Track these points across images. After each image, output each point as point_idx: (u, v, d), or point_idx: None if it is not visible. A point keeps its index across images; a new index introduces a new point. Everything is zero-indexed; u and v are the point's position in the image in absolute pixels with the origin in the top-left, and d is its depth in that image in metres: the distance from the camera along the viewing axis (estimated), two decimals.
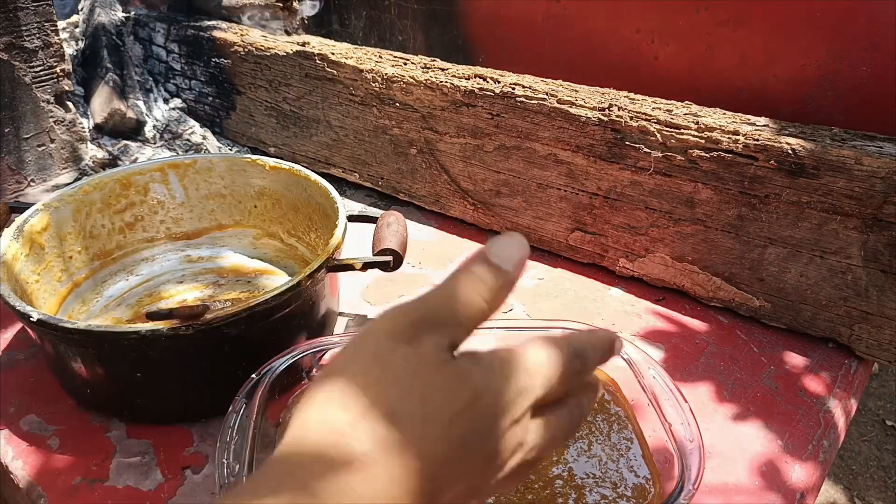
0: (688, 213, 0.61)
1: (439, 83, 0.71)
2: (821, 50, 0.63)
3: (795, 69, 0.65)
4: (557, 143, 0.66)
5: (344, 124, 0.82)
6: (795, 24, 0.64)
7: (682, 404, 0.44)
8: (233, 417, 0.43)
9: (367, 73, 0.76)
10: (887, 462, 1.36)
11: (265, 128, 0.91)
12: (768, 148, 0.55)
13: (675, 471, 0.41)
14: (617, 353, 0.31)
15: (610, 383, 0.50)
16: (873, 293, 0.55)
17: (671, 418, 0.44)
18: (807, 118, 0.60)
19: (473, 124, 0.71)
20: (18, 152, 0.83)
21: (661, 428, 0.44)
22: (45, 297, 0.58)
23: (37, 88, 0.82)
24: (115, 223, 0.66)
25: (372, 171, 0.82)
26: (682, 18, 0.70)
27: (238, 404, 0.44)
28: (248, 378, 0.46)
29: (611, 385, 0.50)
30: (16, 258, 0.55)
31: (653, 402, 0.45)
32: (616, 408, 0.49)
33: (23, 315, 0.48)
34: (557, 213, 0.69)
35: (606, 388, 0.50)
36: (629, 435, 0.47)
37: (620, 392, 0.49)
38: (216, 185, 0.69)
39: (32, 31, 0.80)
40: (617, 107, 0.62)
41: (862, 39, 0.61)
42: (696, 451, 0.41)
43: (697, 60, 0.70)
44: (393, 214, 0.60)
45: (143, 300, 0.64)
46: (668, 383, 0.46)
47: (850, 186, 0.53)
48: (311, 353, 0.50)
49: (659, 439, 0.44)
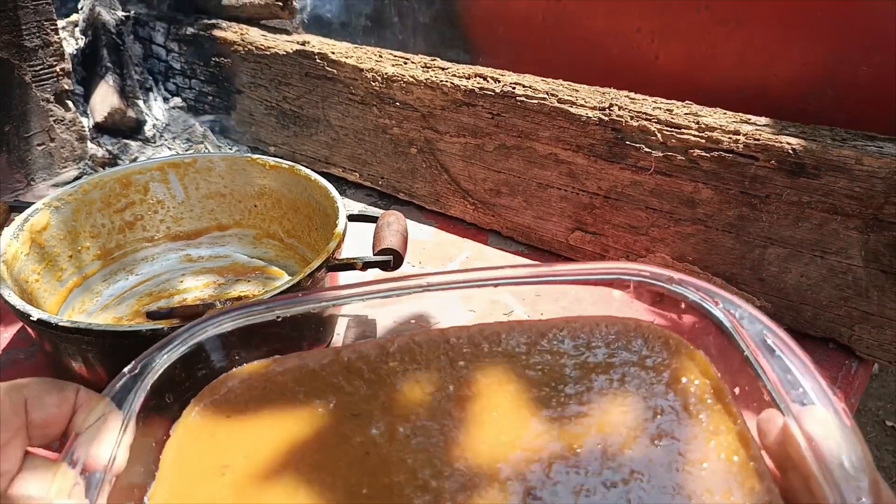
0: (688, 212, 0.61)
1: (439, 82, 0.71)
2: (821, 50, 0.63)
3: (796, 69, 0.65)
4: (558, 143, 0.66)
5: (344, 123, 0.82)
6: (796, 24, 0.64)
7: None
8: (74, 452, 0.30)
9: (367, 72, 0.76)
10: (887, 462, 1.36)
11: (265, 127, 0.91)
12: (769, 148, 0.55)
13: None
14: None
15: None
16: (874, 293, 0.55)
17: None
18: (807, 118, 0.60)
19: (474, 124, 0.70)
20: (18, 151, 0.82)
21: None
22: (45, 296, 0.58)
23: (37, 87, 0.82)
24: (114, 222, 0.66)
25: (372, 170, 0.82)
26: (682, 18, 0.70)
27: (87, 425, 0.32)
28: (118, 375, 0.34)
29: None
30: (16, 257, 0.55)
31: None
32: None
33: (22, 314, 0.48)
34: (558, 213, 0.69)
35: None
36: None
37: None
38: (216, 185, 0.69)
39: (32, 30, 0.80)
40: (617, 106, 0.62)
41: (862, 39, 0.61)
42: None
43: (698, 60, 0.70)
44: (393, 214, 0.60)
45: (143, 299, 0.63)
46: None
47: (851, 186, 0.53)
48: (218, 328, 0.38)
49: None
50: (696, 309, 0.39)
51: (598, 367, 0.39)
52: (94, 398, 0.33)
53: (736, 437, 0.33)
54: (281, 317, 0.39)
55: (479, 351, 0.40)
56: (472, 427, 0.36)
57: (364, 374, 0.39)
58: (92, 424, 0.31)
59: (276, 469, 0.34)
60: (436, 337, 0.41)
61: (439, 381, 0.39)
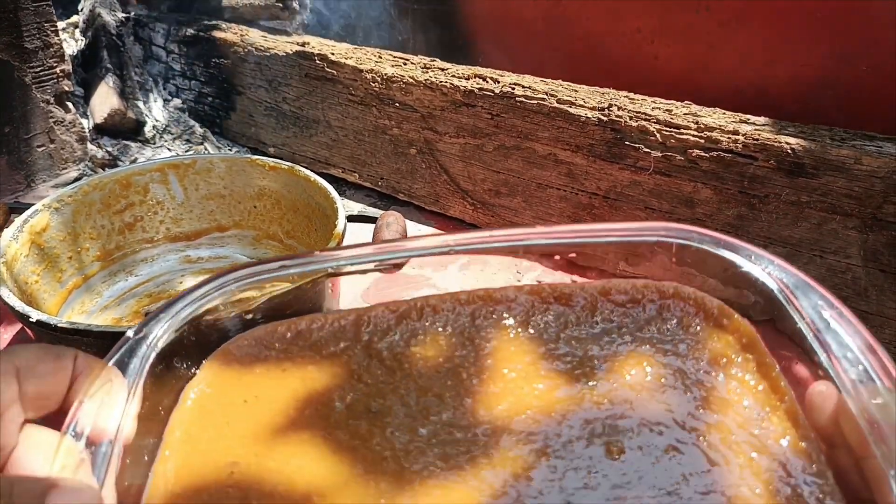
0: (688, 212, 0.61)
1: (439, 83, 0.71)
2: (821, 50, 0.63)
3: (795, 69, 0.65)
4: (557, 143, 0.66)
5: (344, 124, 0.82)
6: (795, 24, 0.64)
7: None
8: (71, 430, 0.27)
9: (366, 73, 0.76)
10: None
11: (265, 128, 0.91)
12: (768, 147, 0.55)
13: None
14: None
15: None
16: (872, 293, 0.55)
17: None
18: (806, 118, 0.60)
19: (473, 124, 0.71)
20: (18, 153, 0.83)
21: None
22: (44, 297, 0.58)
23: (37, 89, 0.82)
24: (114, 224, 0.66)
25: (371, 171, 0.82)
26: (682, 18, 0.70)
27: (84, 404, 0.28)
28: (120, 343, 0.31)
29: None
30: (15, 259, 0.55)
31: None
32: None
33: (22, 316, 0.48)
34: (557, 213, 0.69)
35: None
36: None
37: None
38: (216, 186, 0.69)
39: (32, 32, 0.80)
40: (617, 107, 0.62)
41: (862, 39, 0.61)
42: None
43: (697, 60, 0.70)
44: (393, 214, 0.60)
45: (142, 300, 0.64)
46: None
47: (850, 186, 0.53)
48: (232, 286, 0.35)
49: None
50: (745, 275, 0.35)
51: (631, 335, 0.36)
52: (94, 364, 0.30)
53: (784, 416, 0.30)
54: (296, 276, 0.37)
55: (499, 315, 0.38)
56: (493, 383, 0.34)
57: (384, 338, 0.37)
58: (95, 393, 0.29)
59: (296, 430, 0.32)
60: (456, 298, 0.38)
61: (459, 341, 0.36)
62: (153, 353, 0.31)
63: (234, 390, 0.34)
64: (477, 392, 0.34)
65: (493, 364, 0.36)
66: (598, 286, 0.38)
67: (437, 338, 0.37)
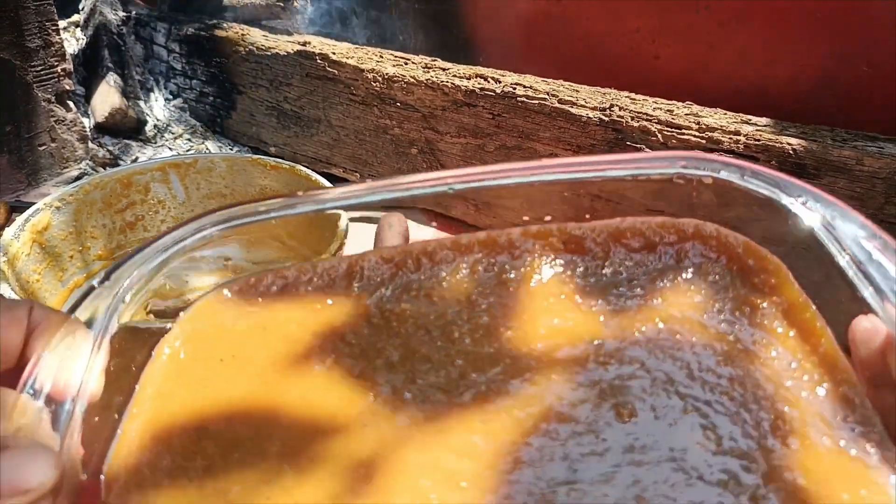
0: (688, 213, 0.61)
1: (440, 83, 0.71)
2: (821, 50, 0.63)
3: (796, 69, 0.65)
4: (558, 144, 0.66)
5: (345, 124, 0.82)
6: (796, 24, 0.64)
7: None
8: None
9: (367, 72, 0.76)
10: None
11: (266, 127, 0.91)
12: (769, 148, 0.55)
13: None
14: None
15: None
16: None
17: None
18: (806, 118, 0.60)
19: (474, 124, 0.71)
20: (19, 152, 0.83)
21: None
22: (45, 296, 0.58)
23: (38, 88, 0.82)
24: (115, 223, 0.66)
25: (373, 170, 0.82)
26: (682, 18, 0.70)
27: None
28: (84, 290, 0.28)
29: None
30: (17, 257, 0.55)
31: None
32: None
33: None
34: (558, 214, 0.69)
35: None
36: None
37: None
38: (217, 185, 0.69)
39: (34, 31, 0.80)
40: (618, 107, 0.62)
41: (862, 39, 0.61)
42: None
43: (698, 60, 0.71)
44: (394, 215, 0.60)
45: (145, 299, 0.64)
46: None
47: (852, 187, 0.53)
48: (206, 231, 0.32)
49: None
50: (778, 208, 0.32)
51: (643, 288, 0.33)
52: (53, 316, 0.27)
53: (819, 363, 0.28)
54: (276, 219, 0.33)
55: (500, 266, 0.35)
56: (488, 342, 0.31)
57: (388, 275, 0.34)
58: (55, 347, 0.26)
59: (271, 395, 0.29)
60: (457, 243, 0.35)
61: (453, 296, 0.33)
62: (120, 303, 0.28)
63: (212, 347, 0.31)
64: (468, 353, 0.31)
65: (489, 322, 0.32)
66: (611, 226, 0.35)
67: (429, 292, 0.33)
